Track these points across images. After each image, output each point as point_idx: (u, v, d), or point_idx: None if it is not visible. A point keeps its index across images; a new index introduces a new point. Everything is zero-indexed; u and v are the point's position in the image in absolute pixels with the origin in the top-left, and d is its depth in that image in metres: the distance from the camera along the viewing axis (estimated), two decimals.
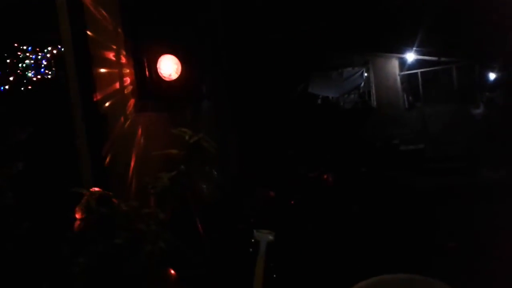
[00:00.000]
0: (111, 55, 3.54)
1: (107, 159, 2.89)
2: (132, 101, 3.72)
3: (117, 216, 1.63)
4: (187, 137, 1.81)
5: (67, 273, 1.57)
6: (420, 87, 10.85)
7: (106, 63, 3.47)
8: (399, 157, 9.32)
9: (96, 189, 1.68)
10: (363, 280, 2.36)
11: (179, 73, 4.00)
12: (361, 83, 11.23)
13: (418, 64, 10.67)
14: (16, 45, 4.18)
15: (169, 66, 3.95)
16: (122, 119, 3.46)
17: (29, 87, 4.19)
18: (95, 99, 3.15)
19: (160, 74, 3.89)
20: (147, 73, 3.84)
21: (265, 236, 2.18)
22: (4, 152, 1.72)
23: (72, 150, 2.77)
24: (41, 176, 2.39)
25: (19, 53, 4.69)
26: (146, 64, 3.84)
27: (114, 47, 3.57)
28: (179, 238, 1.75)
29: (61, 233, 1.63)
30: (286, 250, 3.00)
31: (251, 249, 3.76)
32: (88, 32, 3.20)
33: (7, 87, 4.16)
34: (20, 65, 4.37)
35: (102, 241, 1.59)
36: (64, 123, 2.90)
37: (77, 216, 1.61)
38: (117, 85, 3.59)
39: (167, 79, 3.93)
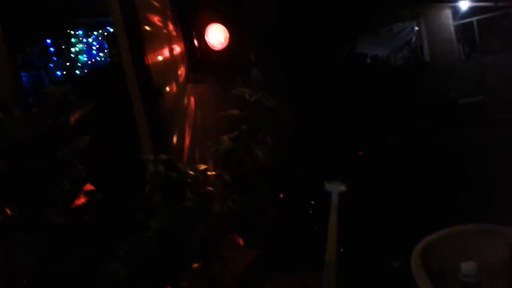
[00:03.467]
0: (161, 29, 3.57)
1: (165, 129, 2.97)
2: (183, 72, 3.77)
3: (184, 180, 1.67)
4: (247, 96, 1.80)
5: (141, 238, 1.63)
6: (477, 36, 10.26)
7: (157, 37, 3.51)
8: (458, 111, 8.94)
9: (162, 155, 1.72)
10: (432, 232, 2.32)
11: (227, 42, 3.98)
12: (412, 38, 10.76)
13: (473, 11, 10.06)
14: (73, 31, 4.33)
15: (217, 35, 3.94)
16: (175, 90, 3.52)
17: (88, 66, 4.35)
18: (148, 73, 3.22)
19: (209, 44, 3.89)
20: (196, 43, 3.86)
21: (336, 187, 2.18)
22: (70, 128, 1.77)
23: (131, 122, 2.87)
24: (106, 148, 2.50)
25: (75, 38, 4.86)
26: (194, 35, 3.85)
27: (163, 20, 3.60)
28: (244, 198, 1.77)
29: (132, 200, 1.69)
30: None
31: (311, 211, 3.79)
32: (137, 7, 3.24)
33: (67, 69, 4.34)
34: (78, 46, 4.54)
35: (173, 204, 1.64)
36: (121, 97, 2.99)
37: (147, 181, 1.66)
38: (168, 57, 3.63)
39: (216, 49, 3.93)
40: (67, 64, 5.10)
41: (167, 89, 3.37)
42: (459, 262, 1.91)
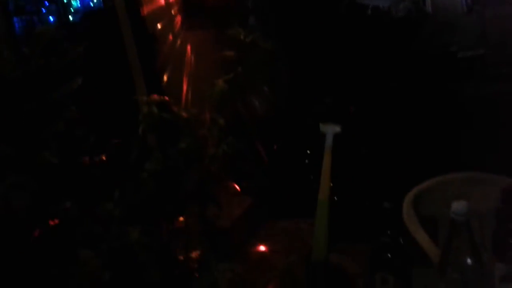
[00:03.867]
0: None
1: (160, 74, 2.94)
2: (179, 19, 3.68)
3: (179, 122, 1.66)
4: (242, 37, 1.75)
5: (136, 179, 1.63)
6: None
7: None
8: (457, 65, 8.81)
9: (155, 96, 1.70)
10: (423, 181, 2.33)
11: None
12: None
13: None
14: None
15: None
16: (170, 37, 3.46)
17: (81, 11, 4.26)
18: (142, 18, 3.15)
19: None
20: None
21: (331, 128, 2.17)
22: (62, 68, 1.73)
23: (125, 66, 2.83)
24: (99, 90, 2.48)
25: None
26: None
27: None
28: (239, 142, 1.76)
29: (126, 142, 1.68)
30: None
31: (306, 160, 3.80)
32: None
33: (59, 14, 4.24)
34: None
35: (167, 146, 1.63)
36: (115, 41, 2.94)
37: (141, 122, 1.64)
38: (163, 3, 3.55)
39: None
40: (60, 9, 4.97)
41: (162, 34, 3.31)
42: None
